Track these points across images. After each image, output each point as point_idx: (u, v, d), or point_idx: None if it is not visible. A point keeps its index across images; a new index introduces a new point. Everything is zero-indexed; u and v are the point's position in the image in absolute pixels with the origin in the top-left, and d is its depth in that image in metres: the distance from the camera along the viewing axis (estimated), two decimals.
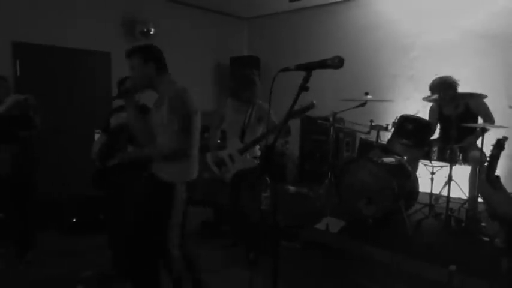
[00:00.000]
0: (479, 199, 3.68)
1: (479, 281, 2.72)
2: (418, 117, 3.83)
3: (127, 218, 2.94)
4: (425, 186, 3.99)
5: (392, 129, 3.90)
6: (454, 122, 3.52)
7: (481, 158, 3.59)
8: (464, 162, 3.77)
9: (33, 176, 3.53)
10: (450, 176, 3.59)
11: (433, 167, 3.89)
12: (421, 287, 2.95)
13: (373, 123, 4.11)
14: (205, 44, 6.63)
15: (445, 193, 3.67)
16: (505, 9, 4.57)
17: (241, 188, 3.42)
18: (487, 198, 3.30)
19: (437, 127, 4.17)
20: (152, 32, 5.52)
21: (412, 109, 4.48)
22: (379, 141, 4.08)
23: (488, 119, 3.72)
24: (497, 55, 4.64)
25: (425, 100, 3.92)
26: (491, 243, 3.15)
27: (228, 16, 6.97)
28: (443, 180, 3.78)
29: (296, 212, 4.32)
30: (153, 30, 5.52)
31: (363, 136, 4.61)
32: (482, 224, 3.51)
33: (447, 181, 3.61)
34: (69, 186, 4.55)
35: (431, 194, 3.92)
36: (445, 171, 3.72)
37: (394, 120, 3.89)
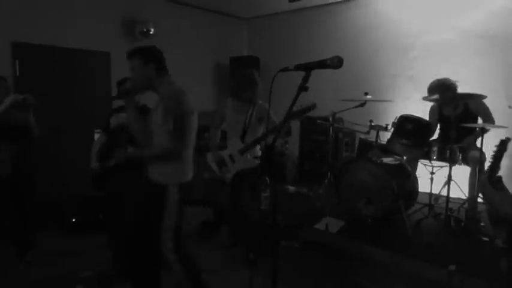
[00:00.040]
0: (478, 199, 3.68)
1: (478, 281, 2.72)
2: (417, 117, 3.82)
3: (127, 218, 2.94)
4: (424, 186, 3.99)
5: (392, 129, 3.90)
6: (454, 123, 3.53)
7: (481, 159, 3.60)
8: (464, 162, 3.78)
9: (33, 176, 3.53)
10: (450, 176, 3.59)
11: (432, 167, 3.89)
12: (420, 287, 2.95)
13: (372, 123, 4.11)
14: (205, 44, 6.63)
15: (444, 193, 3.68)
16: (505, 9, 4.57)
17: (242, 188, 3.42)
18: (489, 199, 3.29)
19: (437, 127, 4.17)
20: (152, 32, 5.52)
21: (411, 109, 4.47)
22: (379, 141, 4.08)
23: (488, 120, 3.73)
24: (496, 55, 4.64)
25: (425, 100, 3.92)
26: (490, 243, 3.15)
27: (227, 16, 6.97)
28: (442, 180, 3.79)
29: (296, 212, 4.33)
30: (152, 30, 5.51)
31: (362, 136, 4.62)
32: (482, 224, 3.52)
33: (447, 181, 3.61)
34: (69, 186, 4.54)
35: (430, 194, 3.93)
36: (444, 171, 3.72)
37: (393, 120, 3.89)
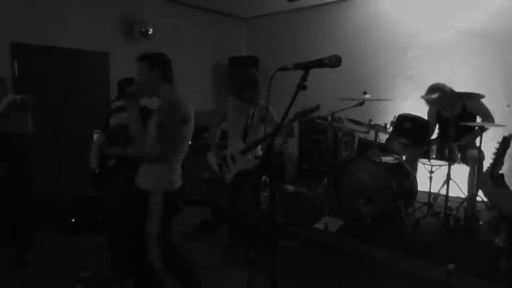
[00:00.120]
0: (477, 198, 3.69)
1: (477, 279, 2.73)
2: (416, 116, 3.83)
3: (117, 218, 2.94)
4: (424, 185, 3.99)
5: (391, 128, 3.91)
6: (452, 122, 3.53)
7: (480, 158, 3.60)
8: (463, 161, 3.78)
9: (30, 177, 3.52)
10: (449, 175, 3.60)
11: (431, 166, 3.90)
12: (419, 286, 2.96)
13: (372, 123, 4.11)
14: (204, 44, 6.62)
15: (443, 192, 3.69)
16: (502, 9, 4.59)
17: (242, 188, 3.41)
18: (489, 196, 3.28)
19: (436, 127, 4.17)
20: (151, 32, 5.51)
21: (411, 109, 4.47)
22: (378, 140, 4.08)
23: (487, 119, 3.73)
24: (495, 54, 4.65)
25: (424, 99, 3.93)
26: (489, 243, 3.15)
27: (226, 16, 6.97)
28: (442, 179, 3.79)
29: (295, 212, 4.33)
30: (151, 30, 5.51)
31: (361, 135, 4.62)
32: (481, 223, 3.53)
33: (446, 180, 3.62)
34: (68, 187, 4.53)
35: (430, 193, 3.93)
36: (443, 170, 3.73)
37: (392, 119, 3.90)
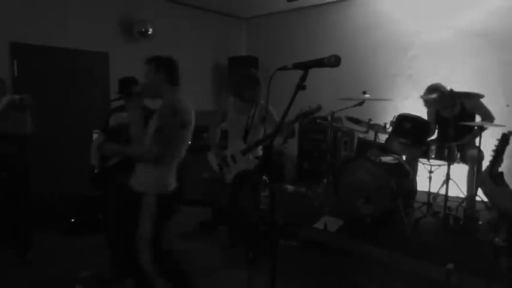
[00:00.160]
0: (477, 198, 3.69)
1: (476, 279, 2.73)
2: (416, 116, 3.83)
3: (110, 219, 2.94)
4: (423, 185, 4.00)
5: (390, 128, 3.91)
6: (452, 122, 3.53)
7: (479, 157, 3.60)
8: (462, 161, 3.78)
9: (28, 176, 3.52)
10: (448, 175, 3.59)
11: (431, 165, 3.89)
12: (419, 285, 2.96)
13: (371, 123, 4.11)
14: (203, 44, 6.62)
15: (443, 192, 3.69)
16: (501, 8, 4.59)
17: (243, 189, 3.41)
18: (489, 194, 3.27)
19: (436, 127, 4.17)
20: (150, 32, 5.51)
21: (410, 108, 4.47)
22: (378, 140, 4.08)
23: (487, 118, 3.73)
24: (494, 54, 4.65)
25: (423, 99, 3.93)
26: (489, 242, 3.15)
27: (226, 16, 6.97)
28: (441, 179, 3.79)
29: (294, 211, 4.33)
30: (151, 30, 5.50)
31: (361, 135, 4.62)
32: (480, 223, 3.53)
33: (445, 180, 3.62)
34: (68, 187, 4.54)
35: (429, 193, 3.93)
36: (443, 170, 3.73)
37: (392, 119, 3.90)
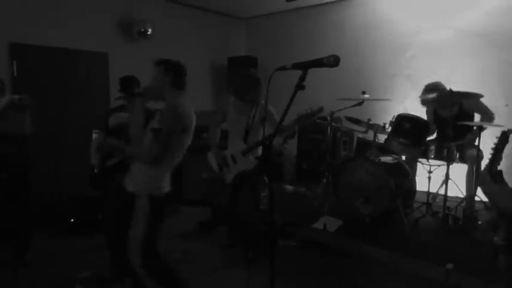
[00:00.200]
0: (476, 197, 3.69)
1: (476, 279, 2.74)
2: (415, 116, 3.83)
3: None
4: (422, 185, 4.00)
5: (390, 128, 3.91)
6: (450, 122, 3.54)
7: (478, 157, 3.60)
8: (461, 160, 3.79)
9: (28, 177, 3.51)
10: (447, 175, 3.59)
11: (430, 165, 3.90)
12: (418, 285, 2.96)
13: (370, 123, 4.12)
14: (203, 44, 6.61)
15: (442, 192, 3.69)
16: (500, 8, 4.59)
17: (242, 189, 3.41)
18: (488, 193, 3.26)
19: (435, 127, 4.17)
20: (150, 32, 5.50)
21: (410, 108, 4.48)
22: (377, 140, 4.08)
23: (487, 116, 3.73)
24: (492, 54, 4.65)
25: (422, 99, 3.93)
26: (488, 242, 3.15)
27: (225, 16, 6.97)
28: (440, 179, 3.79)
29: (294, 211, 4.33)
30: (150, 30, 5.50)
31: (360, 135, 4.63)
32: (479, 223, 3.53)
33: (444, 180, 3.62)
34: (67, 187, 4.54)
35: (428, 193, 3.93)
36: (442, 170, 3.73)
37: (391, 119, 3.90)
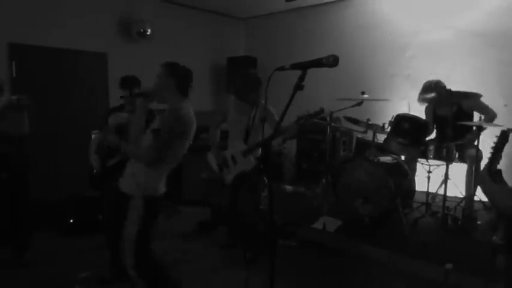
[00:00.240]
0: (475, 197, 3.70)
1: (475, 279, 2.74)
2: (414, 116, 3.84)
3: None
4: (422, 185, 4.00)
5: (389, 128, 3.91)
6: (450, 121, 3.54)
7: (477, 157, 3.60)
8: (461, 160, 3.79)
9: (27, 177, 3.51)
10: (447, 175, 3.60)
11: (429, 165, 3.90)
12: (417, 285, 2.96)
13: (370, 123, 4.12)
14: (202, 45, 6.61)
15: (441, 192, 3.69)
16: (500, 8, 4.60)
17: (242, 189, 3.41)
18: (488, 192, 3.27)
19: (433, 127, 4.18)
20: (149, 33, 5.50)
21: (409, 109, 4.48)
22: (376, 140, 4.08)
23: (487, 115, 3.72)
24: (492, 54, 4.65)
25: (420, 98, 3.93)
26: (487, 242, 3.15)
27: (224, 16, 6.97)
28: (439, 178, 3.80)
29: (293, 211, 4.33)
30: (149, 30, 5.50)
31: (359, 135, 4.63)
32: (478, 223, 3.53)
33: (444, 180, 3.63)
34: (67, 187, 4.53)
35: (427, 193, 3.93)
36: (441, 170, 3.73)
37: (390, 119, 3.90)
